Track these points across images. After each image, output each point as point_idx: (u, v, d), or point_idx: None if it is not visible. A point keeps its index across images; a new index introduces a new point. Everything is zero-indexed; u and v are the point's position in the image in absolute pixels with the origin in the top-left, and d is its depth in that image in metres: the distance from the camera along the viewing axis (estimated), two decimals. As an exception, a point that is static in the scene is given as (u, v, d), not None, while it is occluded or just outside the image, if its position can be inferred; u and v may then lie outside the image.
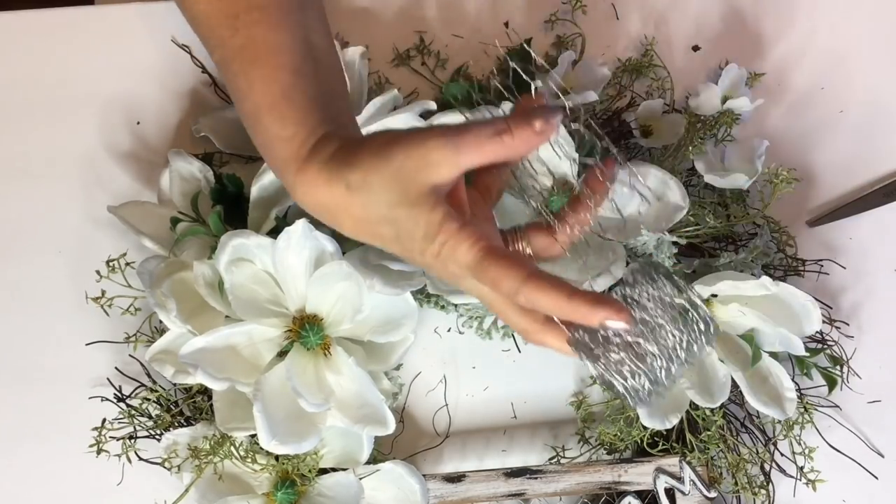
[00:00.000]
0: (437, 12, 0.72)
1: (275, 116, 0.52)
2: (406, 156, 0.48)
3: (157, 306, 0.58)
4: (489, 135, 0.47)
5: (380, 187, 0.48)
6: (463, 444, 0.67)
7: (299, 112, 0.52)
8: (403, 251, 0.50)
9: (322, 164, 0.50)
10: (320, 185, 0.50)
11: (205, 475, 0.60)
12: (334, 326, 0.60)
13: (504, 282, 0.46)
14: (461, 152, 0.47)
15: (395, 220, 0.48)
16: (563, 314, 0.47)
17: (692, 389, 0.61)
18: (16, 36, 0.71)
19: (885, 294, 0.69)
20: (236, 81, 0.53)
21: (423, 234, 0.48)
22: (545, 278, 0.46)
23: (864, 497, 0.66)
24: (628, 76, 0.71)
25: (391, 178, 0.48)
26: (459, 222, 0.48)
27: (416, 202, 0.48)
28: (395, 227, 0.49)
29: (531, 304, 0.47)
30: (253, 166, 0.64)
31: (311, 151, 0.51)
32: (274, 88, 0.52)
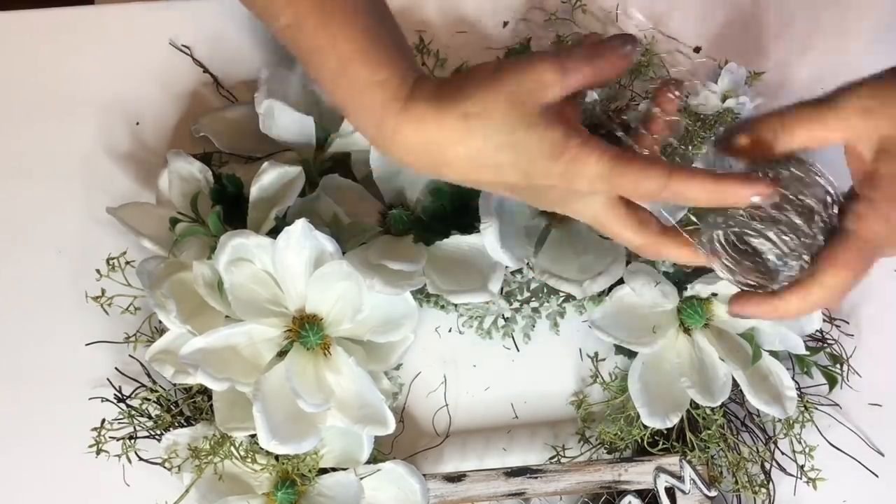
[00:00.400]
0: (436, 12, 0.72)
1: (365, 62, 0.51)
2: (518, 80, 0.48)
3: (157, 307, 0.58)
4: (588, 57, 0.49)
5: (498, 112, 0.48)
6: (463, 443, 0.67)
7: (391, 54, 0.52)
8: (524, 177, 0.50)
9: (429, 99, 0.50)
10: (429, 121, 0.50)
11: (205, 475, 0.60)
12: (334, 326, 0.60)
13: (646, 182, 0.48)
14: (568, 73, 0.48)
15: (517, 144, 0.49)
16: (714, 199, 0.49)
17: (693, 388, 0.61)
18: (16, 36, 0.71)
19: (886, 293, 0.69)
20: (315, 39, 0.52)
21: (548, 152, 0.48)
22: (687, 169, 0.48)
23: (865, 495, 0.66)
24: (628, 76, 0.71)
25: (507, 102, 0.48)
26: (581, 137, 0.48)
27: (535, 123, 0.48)
28: (516, 152, 0.49)
29: (679, 196, 0.48)
30: (253, 166, 0.64)
31: (413, 90, 0.51)
32: (359, 35, 0.52)
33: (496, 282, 0.61)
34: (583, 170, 0.48)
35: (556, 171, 0.48)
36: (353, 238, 0.62)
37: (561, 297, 0.65)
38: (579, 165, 0.48)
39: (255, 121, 0.64)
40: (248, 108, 0.67)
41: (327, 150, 0.65)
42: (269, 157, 0.65)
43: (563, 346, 0.67)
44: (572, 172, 0.48)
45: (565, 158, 0.48)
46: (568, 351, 0.68)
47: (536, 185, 0.50)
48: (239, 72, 0.70)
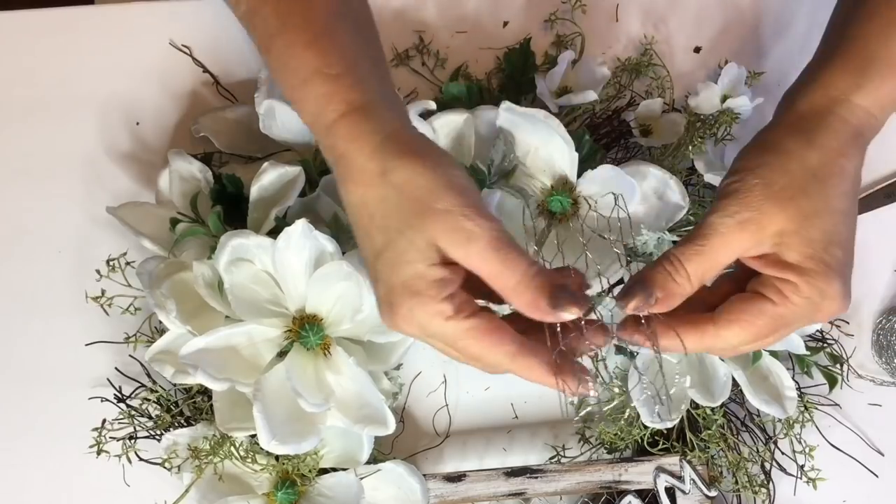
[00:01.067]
0: (436, 12, 0.72)
1: (316, 52, 0.52)
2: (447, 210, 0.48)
3: (157, 307, 0.58)
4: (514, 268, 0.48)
5: (406, 206, 0.48)
6: (463, 443, 0.67)
7: (344, 52, 0.52)
8: (372, 269, 0.50)
9: (376, 133, 0.50)
10: (363, 147, 0.50)
11: (205, 475, 0.60)
12: (334, 326, 0.60)
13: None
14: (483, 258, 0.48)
15: (391, 242, 0.49)
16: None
17: (693, 388, 0.61)
18: (16, 36, 0.71)
19: (886, 293, 0.69)
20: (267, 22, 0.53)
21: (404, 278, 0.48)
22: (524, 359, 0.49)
23: (865, 495, 0.66)
24: (628, 76, 0.71)
25: (418, 212, 0.48)
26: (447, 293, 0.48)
27: (421, 247, 0.48)
28: (384, 245, 0.49)
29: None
30: (253, 166, 0.64)
31: (372, 104, 0.50)
32: (313, 27, 0.52)
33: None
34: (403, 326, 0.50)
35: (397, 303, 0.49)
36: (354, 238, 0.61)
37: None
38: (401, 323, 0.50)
39: (255, 121, 0.64)
40: (248, 108, 0.67)
41: (327, 150, 0.65)
42: (269, 157, 0.65)
43: (563, 346, 0.67)
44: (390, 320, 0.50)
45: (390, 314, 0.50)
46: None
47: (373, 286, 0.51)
48: (239, 72, 0.70)
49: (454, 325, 0.48)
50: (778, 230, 0.49)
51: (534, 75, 0.69)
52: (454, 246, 0.48)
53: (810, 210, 0.49)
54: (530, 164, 0.63)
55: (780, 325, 0.50)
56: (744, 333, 0.50)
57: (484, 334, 0.48)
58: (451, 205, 0.48)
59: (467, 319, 0.48)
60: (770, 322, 0.50)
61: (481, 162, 0.63)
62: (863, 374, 0.67)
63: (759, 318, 0.50)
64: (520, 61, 0.70)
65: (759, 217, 0.49)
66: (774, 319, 0.50)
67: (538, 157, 0.63)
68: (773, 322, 0.50)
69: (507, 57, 0.70)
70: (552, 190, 0.63)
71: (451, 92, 0.67)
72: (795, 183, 0.50)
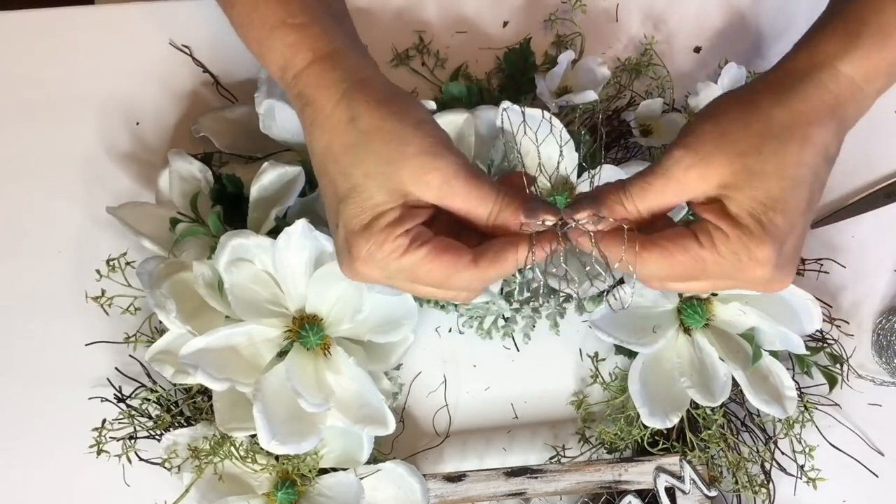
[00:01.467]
0: (436, 12, 0.72)
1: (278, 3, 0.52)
2: (416, 154, 0.49)
3: (157, 307, 0.58)
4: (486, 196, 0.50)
5: (374, 151, 0.49)
6: (463, 443, 0.67)
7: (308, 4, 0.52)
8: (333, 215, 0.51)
9: (343, 80, 0.50)
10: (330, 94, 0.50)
11: (205, 475, 0.60)
12: (334, 326, 0.60)
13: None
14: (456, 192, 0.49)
15: (355, 187, 0.49)
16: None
17: (693, 388, 0.61)
18: (16, 36, 0.71)
19: (886, 293, 0.69)
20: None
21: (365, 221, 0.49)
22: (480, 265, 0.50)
23: (865, 495, 0.66)
24: (628, 76, 0.71)
25: (387, 157, 0.49)
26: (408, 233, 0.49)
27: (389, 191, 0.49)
28: (349, 190, 0.49)
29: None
30: (253, 166, 0.64)
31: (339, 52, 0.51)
32: None
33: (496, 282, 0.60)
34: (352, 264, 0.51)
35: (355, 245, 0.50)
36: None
37: (561, 297, 0.65)
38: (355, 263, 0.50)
39: (255, 121, 0.64)
40: (248, 108, 0.67)
41: (327, 150, 0.65)
42: (269, 157, 0.65)
43: (563, 346, 0.67)
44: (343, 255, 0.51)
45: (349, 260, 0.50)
46: (568, 351, 0.68)
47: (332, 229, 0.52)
48: (239, 72, 0.70)
49: (410, 256, 0.49)
50: (721, 182, 0.49)
51: (534, 75, 0.69)
52: (426, 187, 0.49)
53: (759, 169, 0.48)
54: (530, 164, 0.63)
55: (699, 270, 0.49)
56: (662, 262, 0.49)
57: (440, 254, 0.49)
58: (420, 148, 0.49)
59: (422, 247, 0.49)
60: (690, 261, 0.49)
61: (481, 162, 0.63)
62: (863, 374, 0.67)
63: (681, 253, 0.49)
64: (520, 61, 0.70)
65: (704, 166, 0.49)
66: (695, 261, 0.49)
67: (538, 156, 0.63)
68: (693, 263, 0.49)
69: (507, 57, 0.70)
70: (552, 190, 0.63)
71: (451, 92, 0.67)
72: (751, 139, 0.49)
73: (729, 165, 0.48)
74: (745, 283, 0.50)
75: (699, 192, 0.49)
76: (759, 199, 0.48)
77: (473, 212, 0.50)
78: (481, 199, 0.50)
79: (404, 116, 0.50)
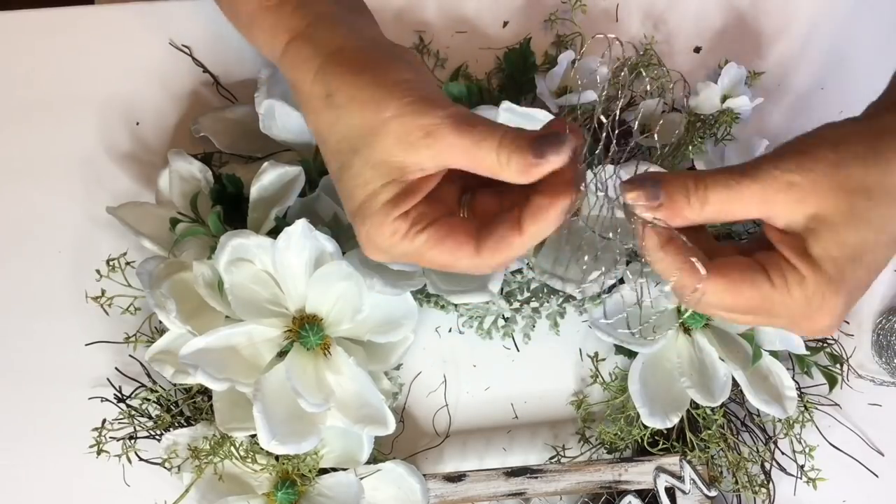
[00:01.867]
0: (436, 12, 0.72)
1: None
2: (395, 117, 0.45)
3: (157, 307, 0.58)
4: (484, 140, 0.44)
5: (354, 125, 0.46)
6: (463, 443, 0.67)
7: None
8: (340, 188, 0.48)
9: (316, 56, 0.48)
10: (305, 73, 0.48)
11: (205, 475, 0.60)
12: (334, 326, 0.60)
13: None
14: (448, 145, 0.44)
15: (344, 165, 0.47)
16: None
17: (693, 388, 0.61)
18: (16, 36, 0.71)
19: (886, 293, 0.69)
20: None
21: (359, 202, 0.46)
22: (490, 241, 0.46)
23: (865, 495, 0.66)
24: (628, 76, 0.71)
25: (366, 128, 0.45)
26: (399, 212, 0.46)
27: (375, 164, 0.45)
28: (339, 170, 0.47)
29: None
30: (253, 166, 0.64)
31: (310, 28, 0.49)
32: None
33: (496, 282, 0.60)
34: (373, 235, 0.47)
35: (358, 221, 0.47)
36: (353, 238, 0.61)
37: (561, 297, 0.65)
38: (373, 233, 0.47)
39: (255, 121, 0.64)
40: (248, 108, 0.67)
41: (327, 150, 0.65)
42: (269, 157, 0.65)
43: (563, 346, 0.67)
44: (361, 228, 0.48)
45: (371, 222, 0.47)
46: (568, 351, 0.68)
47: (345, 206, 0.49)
48: (239, 72, 0.70)
49: (410, 242, 0.46)
50: (818, 214, 0.44)
51: (534, 75, 0.69)
52: (415, 149, 0.45)
53: (862, 214, 0.44)
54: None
55: (763, 310, 0.46)
56: (726, 295, 0.45)
57: (442, 240, 0.46)
58: (398, 109, 0.45)
59: (421, 233, 0.46)
60: (758, 300, 0.45)
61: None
62: (863, 374, 0.67)
63: (749, 289, 0.45)
64: (520, 61, 0.70)
65: (809, 190, 0.44)
66: (763, 300, 0.45)
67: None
68: (760, 302, 0.45)
69: (507, 57, 0.70)
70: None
71: (451, 92, 0.67)
72: (866, 183, 0.44)
73: (834, 200, 0.44)
74: (802, 330, 0.47)
75: (786, 216, 0.45)
76: (850, 244, 0.44)
77: (479, 163, 0.44)
78: (478, 145, 0.44)
79: (381, 78, 0.46)
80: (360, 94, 0.46)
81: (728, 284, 0.45)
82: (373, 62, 0.48)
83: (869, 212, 0.44)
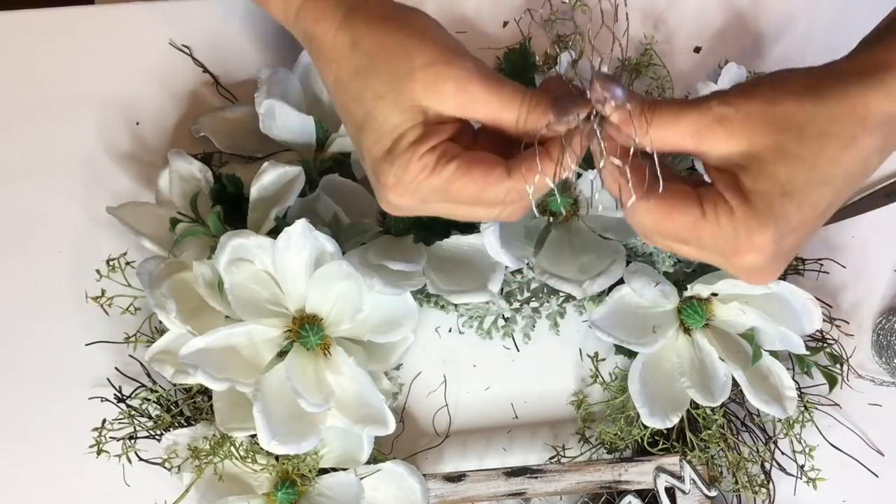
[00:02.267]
0: (436, 12, 0.71)
1: None
2: (425, 65, 0.46)
3: (157, 307, 0.58)
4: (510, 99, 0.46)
5: (382, 70, 0.46)
6: (463, 443, 0.67)
7: None
8: (358, 147, 0.49)
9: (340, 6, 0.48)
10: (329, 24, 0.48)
11: (205, 475, 0.60)
12: (334, 326, 0.60)
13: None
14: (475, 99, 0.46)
15: (369, 112, 0.47)
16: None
17: (693, 388, 0.61)
18: (16, 36, 0.71)
19: (886, 293, 0.69)
20: None
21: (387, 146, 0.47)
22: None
23: (865, 495, 0.66)
24: (628, 76, 0.71)
25: (395, 74, 0.46)
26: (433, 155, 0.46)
27: (404, 109, 0.46)
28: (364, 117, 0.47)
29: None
30: (253, 166, 0.64)
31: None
32: None
33: (496, 282, 0.61)
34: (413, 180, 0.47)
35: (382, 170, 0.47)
36: (353, 238, 0.62)
37: (561, 297, 0.65)
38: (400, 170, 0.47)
39: (255, 121, 0.64)
40: (248, 108, 0.67)
41: (327, 150, 0.65)
42: (269, 157, 0.65)
43: (563, 346, 0.67)
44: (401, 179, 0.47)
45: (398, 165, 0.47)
46: (568, 351, 0.68)
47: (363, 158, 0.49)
48: (239, 72, 0.70)
49: (439, 174, 0.47)
50: (749, 150, 0.45)
51: (534, 75, 0.69)
52: (442, 98, 0.46)
53: (792, 151, 0.45)
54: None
55: (693, 236, 0.46)
56: (659, 216, 0.46)
57: (470, 167, 0.47)
58: (429, 58, 0.46)
59: (450, 163, 0.47)
60: (687, 226, 0.46)
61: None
62: (863, 374, 0.67)
63: (681, 215, 0.46)
64: (520, 61, 0.69)
65: (740, 124, 0.45)
66: (692, 227, 0.46)
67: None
68: (689, 228, 0.46)
69: (507, 57, 0.70)
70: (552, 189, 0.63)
71: (451, 92, 0.67)
72: (798, 120, 0.45)
73: (764, 135, 0.45)
74: (731, 265, 0.47)
75: (720, 149, 0.46)
76: (780, 181, 0.45)
77: (500, 118, 0.46)
78: (504, 103, 0.46)
79: (408, 29, 0.47)
80: (388, 40, 0.47)
81: (660, 207, 0.46)
82: (398, 12, 0.49)
83: (800, 148, 0.45)
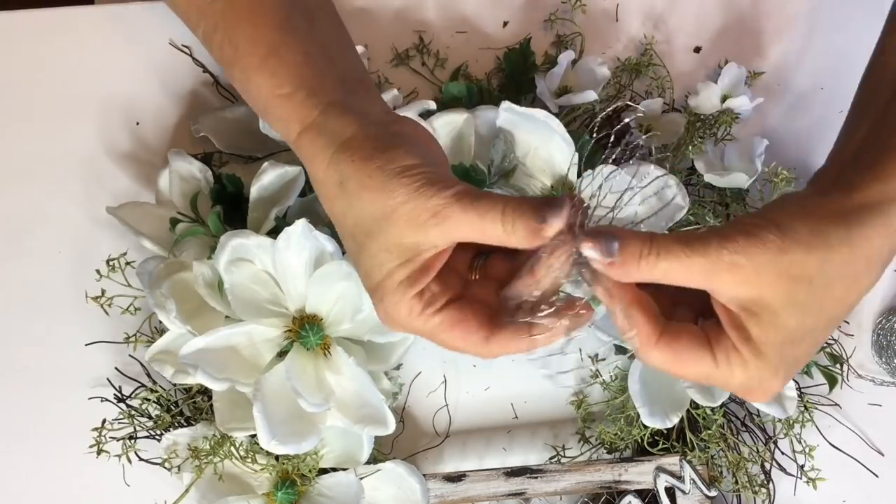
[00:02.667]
0: (436, 12, 0.72)
1: (266, 74, 0.52)
2: (404, 202, 0.47)
3: (157, 307, 0.58)
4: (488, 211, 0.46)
5: (366, 212, 0.48)
6: (463, 443, 0.67)
7: (293, 69, 0.52)
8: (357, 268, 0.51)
9: (329, 146, 0.50)
10: (319, 163, 0.50)
11: (205, 475, 0.60)
12: (334, 326, 0.60)
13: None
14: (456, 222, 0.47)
15: (362, 247, 0.49)
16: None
17: (693, 388, 0.61)
18: (16, 36, 0.71)
19: (886, 293, 0.69)
20: (223, 50, 0.53)
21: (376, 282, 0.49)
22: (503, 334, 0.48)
23: (865, 495, 0.66)
24: (628, 76, 0.71)
25: (378, 214, 0.48)
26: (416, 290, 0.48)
27: (389, 247, 0.48)
28: (357, 252, 0.49)
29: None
30: (253, 166, 0.64)
31: (321, 117, 0.51)
32: (260, 48, 0.52)
33: (496, 282, 0.60)
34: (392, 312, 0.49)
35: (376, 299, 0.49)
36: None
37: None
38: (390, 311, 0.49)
39: (255, 121, 0.64)
40: (248, 108, 0.67)
41: (327, 150, 0.65)
42: (269, 157, 0.65)
43: (563, 346, 0.68)
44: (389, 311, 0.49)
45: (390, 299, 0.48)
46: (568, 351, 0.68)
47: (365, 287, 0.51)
48: (239, 72, 0.70)
49: (424, 321, 0.48)
50: (760, 298, 0.46)
51: (534, 75, 0.69)
52: (425, 230, 0.47)
53: (802, 300, 0.46)
54: (530, 164, 0.63)
55: (704, 380, 0.48)
56: (672, 365, 0.48)
57: (452, 327, 0.48)
58: (405, 194, 0.47)
59: (435, 315, 0.48)
60: (700, 375, 0.48)
61: (481, 162, 0.63)
62: (863, 374, 0.67)
63: (694, 365, 0.47)
64: (520, 61, 0.70)
65: (752, 273, 0.45)
66: (707, 377, 0.48)
67: (538, 156, 0.63)
68: (703, 376, 0.48)
69: (507, 57, 0.70)
70: (552, 189, 0.63)
71: (451, 92, 0.67)
72: (808, 270, 0.46)
73: (775, 285, 0.45)
74: (742, 397, 0.50)
75: (728, 293, 0.46)
76: (790, 330, 0.46)
77: (487, 234, 0.47)
78: (484, 217, 0.46)
79: (389, 166, 0.48)
80: (370, 181, 0.48)
81: (674, 356, 0.47)
82: (381, 149, 0.49)
83: (809, 298, 0.46)
